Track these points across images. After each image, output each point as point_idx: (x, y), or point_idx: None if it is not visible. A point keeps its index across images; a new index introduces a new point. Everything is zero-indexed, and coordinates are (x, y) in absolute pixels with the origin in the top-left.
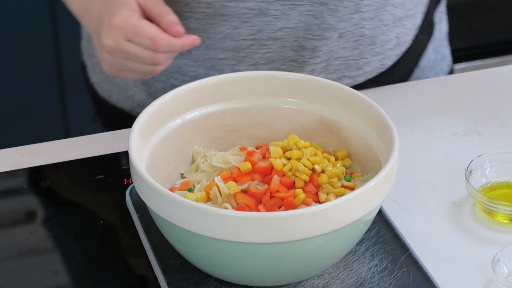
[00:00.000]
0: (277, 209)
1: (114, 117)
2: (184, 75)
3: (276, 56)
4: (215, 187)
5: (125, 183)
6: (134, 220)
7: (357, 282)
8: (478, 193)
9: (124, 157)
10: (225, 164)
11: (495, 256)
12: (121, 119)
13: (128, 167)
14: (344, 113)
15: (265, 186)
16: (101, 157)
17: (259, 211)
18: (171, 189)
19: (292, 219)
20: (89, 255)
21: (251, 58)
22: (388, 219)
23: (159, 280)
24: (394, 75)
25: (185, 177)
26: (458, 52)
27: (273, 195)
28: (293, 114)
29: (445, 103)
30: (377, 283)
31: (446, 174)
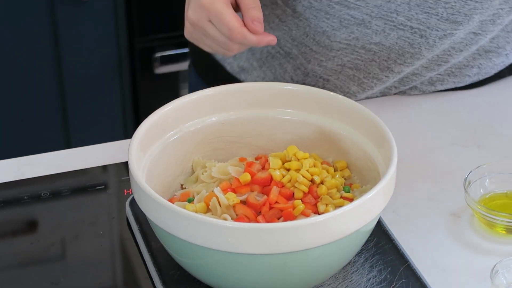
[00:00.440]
0: (276, 220)
1: (204, 60)
2: (280, 48)
3: (363, 66)
4: (214, 198)
5: (125, 193)
6: (134, 231)
7: None
8: (476, 204)
9: (124, 167)
10: (225, 175)
11: (494, 267)
12: (211, 68)
13: (128, 177)
14: (343, 124)
15: (264, 197)
16: (101, 168)
17: (258, 222)
18: (170, 199)
19: (291, 230)
20: (89, 266)
21: (340, 59)
22: (387, 230)
23: None
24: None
25: (185, 188)
26: None
27: (272, 206)
28: (292, 125)
29: (444, 114)
30: None
31: (445, 185)
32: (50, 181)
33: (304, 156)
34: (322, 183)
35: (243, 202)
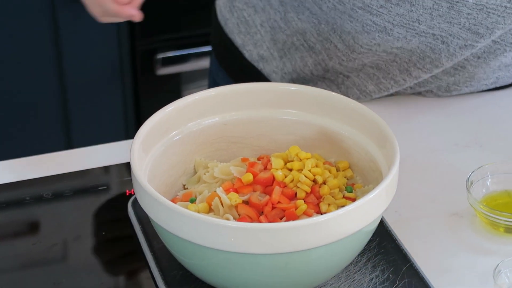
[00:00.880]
0: (279, 220)
1: (223, 45)
2: (305, 41)
3: (384, 66)
4: (216, 198)
5: (127, 194)
6: (136, 231)
7: None
8: (479, 204)
9: (127, 168)
10: (227, 175)
11: (496, 266)
12: (230, 51)
13: (130, 178)
14: (345, 124)
15: (267, 197)
16: (103, 169)
17: (260, 222)
18: (173, 200)
19: (294, 230)
20: (91, 266)
21: (361, 61)
22: (390, 230)
23: None
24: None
25: (187, 188)
26: None
27: (274, 206)
28: (294, 125)
29: (446, 114)
30: None
31: (447, 185)
32: (52, 182)
33: (306, 156)
34: (324, 183)
35: (246, 202)
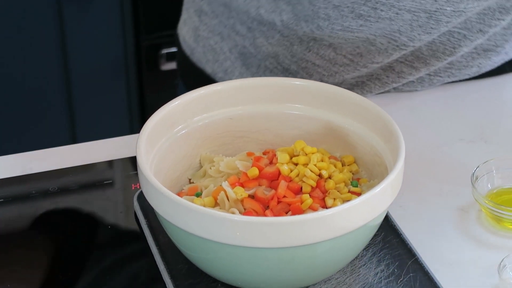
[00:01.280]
0: (284, 214)
1: (193, 75)
2: (278, 64)
3: (365, 78)
4: (222, 192)
5: (132, 188)
6: (142, 225)
7: (364, 287)
8: (484, 199)
9: (132, 162)
10: (232, 170)
11: (501, 261)
12: (200, 80)
13: (135, 172)
14: (350, 119)
15: (272, 192)
16: (109, 163)
17: (266, 216)
18: (178, 194)
19: (299, 224)
20: (97, 260)
21: (341, 77)
22: (395, 225)
23: (166, 285)
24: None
25: (193, 183)
26: None
27: (280, 200)
28: (299, 119)
29: (451, 109)
30: None
31: (452, 180)
32: (57, 176)
33: (312, 150)
34: (330, 177)
35: (251, 197)
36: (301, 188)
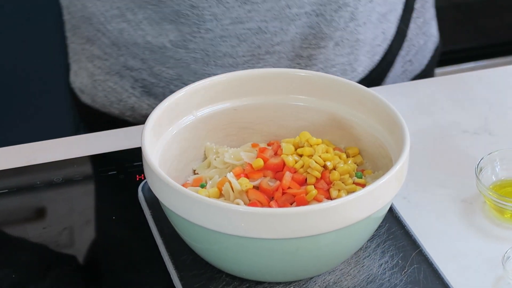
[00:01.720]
0: (289, 205)
1: (99, 122)
2: (183, 83)
3: (273, 67)
4: (227, 183)
5: (137, 179)
6: (146, 216)
7: (368, 278)
8: (488, 190)
9: (137, 153)
10: (237, 161)
11: (505, 253)
12: (109, 124)
13: (140, 163)
14: (355, 110)
15: (277, 183)
16: (114, 153)
17: (271, 207)
18: (183, 185)
19: (304, 215)
20: (101, 251)
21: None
22: (399, 216)
23: (171, 276)
24: (382, 67)
25: (197, 174)
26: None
27: (285, 192)
28: (304, 111)
29: (455, 101)
30: (388, 280)
31: (456, 171)
32: (62, 167)
33: (317, 142)
34: (334, 169)
35: (256, 188)
36: (305, 179)
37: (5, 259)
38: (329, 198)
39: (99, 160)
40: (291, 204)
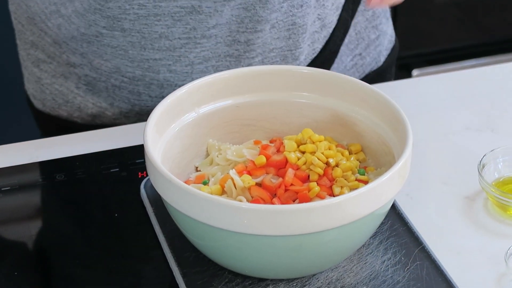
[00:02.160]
0: (292, 202)
1: (51, 126)
2: (123, 76)
3: (211, 54)
4: (230, 180)
5: (139, 176)
6: (148, 213)
7: (370, 275)
8: (491, 187)
9: (139, 150)
10: (240, 158)
11: (508, 249)
12: (59, 127)
13: (142, 160)
14: (357, 107)
15: (280, 180)
16: (116, 151)
17: (273, 204)
18: (185, 182)
19: (307, 212)
20: (104, 248)
21: (186, 58)
22: (402, 213)
23: (174, 273)
24: (325, 56)
25: (200, 171)
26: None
27: (287, 189)
28: (306, 108)
29: (458, 98)
30: (391, 276)
31: (459, 168)
32: (64, 164)
33: (319, 139)
34: (337, 165)
35: (259, 185)
36: (308, 176)
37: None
38: (332, 195)
39: (101, 158)
40: (293, 201)
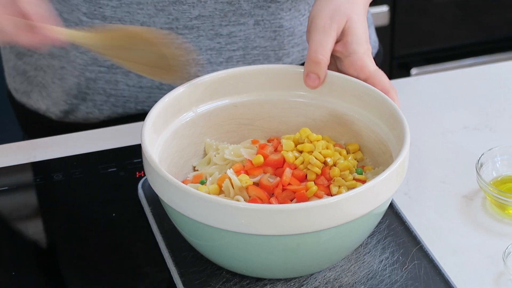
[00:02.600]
0: (289, 202)
1: (31, 121)
2: (100, 66)
3: (193, 46)
4: (227, 179)
5: (137, 176)
6: (146, 213)
7: (368, 274)
8: (489, 186)
9: (137, 150)
10: (237, 157)
11: (506, 248)
12: (37, 122)
13: (140, 160)
14: (355, 106)
15: (277, 179)
16: (114, 150)
17: (271, 203)
18: (183, 181)
19: (304, 211)
20: (101, 248)
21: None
22: (399, 212)
23: (171, 272)
24: None
25: (197, 170)
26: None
27: (285, 188)
28: (304, 107)
29: (456, 97)
30: (389, 276)
31: (457, 167)
32: (62, 164)
33: (317, 138)
34: (334, 165)
35: (256, 184)
36: (306, 175)
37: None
38: (329, 194)
39: (99, 157)
40: (291, 201)
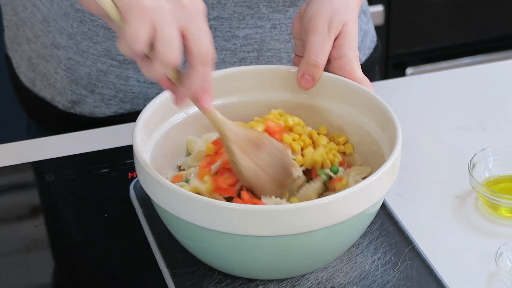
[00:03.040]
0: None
1: (37, 108)
2: (112, 59)
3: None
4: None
5: (129, 177)
6: (138, 214)
7: (360, 275)
8: (481, 186)
9: (128, 151)
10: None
11: (499, 249)
12: (44, 110)
13: (132, 161)
14: (347, 106)
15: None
16: (106, 151)
17: (262, 203)
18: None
19: (296, 212)
20: (93, 249)
21: None
22: (392, 212)
23: (163, 274)
24: None
25: (183, 169)
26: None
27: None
28: (296, 107)
29: (449, 96)
30: (381, 276)
31: (450, 167)
32: (54, 165)
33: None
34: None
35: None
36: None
37: None
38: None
39: (91, 158)
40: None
